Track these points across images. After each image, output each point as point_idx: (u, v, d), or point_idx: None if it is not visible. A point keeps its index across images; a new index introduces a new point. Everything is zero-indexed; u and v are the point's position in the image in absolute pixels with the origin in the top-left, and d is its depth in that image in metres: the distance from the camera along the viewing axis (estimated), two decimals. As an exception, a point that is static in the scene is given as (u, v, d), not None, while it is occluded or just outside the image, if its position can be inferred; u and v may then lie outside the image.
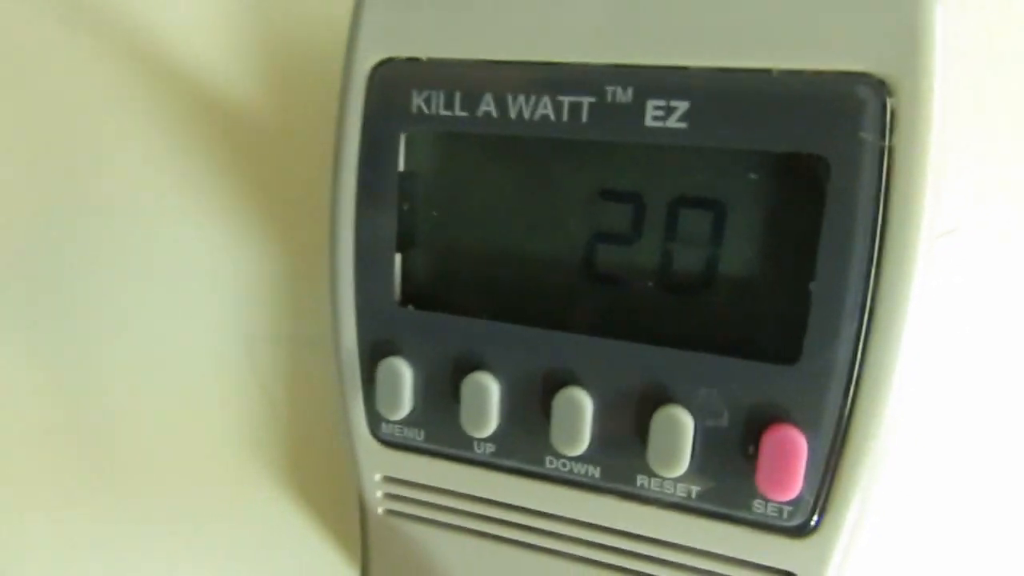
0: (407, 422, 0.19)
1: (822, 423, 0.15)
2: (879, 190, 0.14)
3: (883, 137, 0.14)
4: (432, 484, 0.19)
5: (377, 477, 0.20)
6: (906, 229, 0.14)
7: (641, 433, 0.16)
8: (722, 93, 0.15)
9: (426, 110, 0.17)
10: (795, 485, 0.15)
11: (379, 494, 0.20)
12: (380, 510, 0.20)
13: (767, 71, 0.14)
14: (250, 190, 0.26)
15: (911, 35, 0.14)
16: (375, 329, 0.18)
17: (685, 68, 0.15)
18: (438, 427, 0.18)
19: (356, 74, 0.17)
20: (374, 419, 0.19)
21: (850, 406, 0.15)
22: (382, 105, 0.17)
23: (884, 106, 0.14)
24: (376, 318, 0.18)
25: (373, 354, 0.19)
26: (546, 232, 0.17)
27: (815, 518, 0.16)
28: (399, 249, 0.18)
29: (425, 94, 0.17)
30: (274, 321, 0.27)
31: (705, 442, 0.16)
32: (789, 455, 0.15)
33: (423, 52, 0.17)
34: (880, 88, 0.14)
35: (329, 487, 0.26)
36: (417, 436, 0.19)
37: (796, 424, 0.15)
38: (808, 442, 0.15)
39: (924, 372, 0.21)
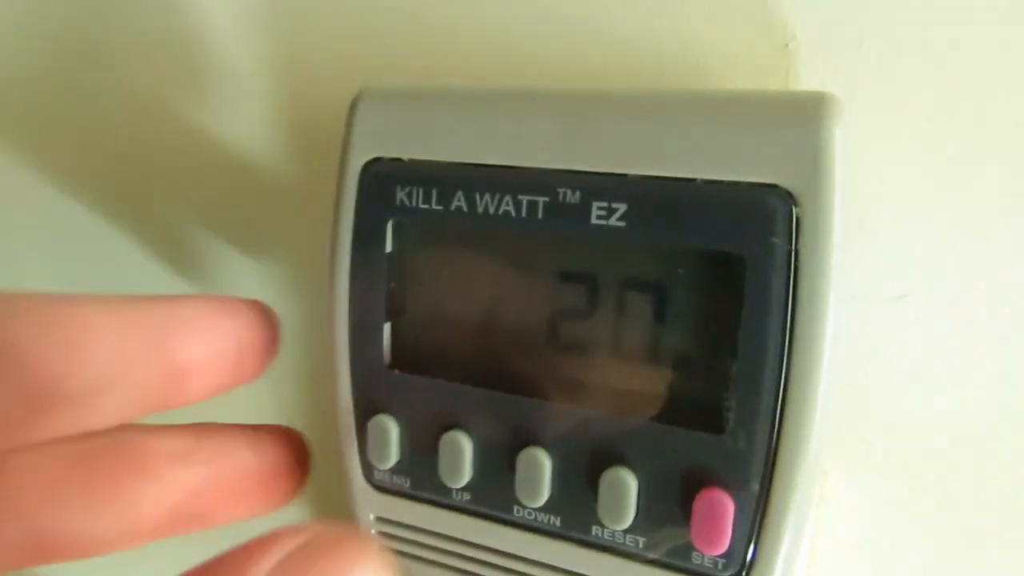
0: (395, 471, 0.21)
1: (747, 486, 0.17)
2: (788, 285, 0.16)
3: (790, 241, 0.16)
4: (417, 525, 0.22)
5: (371, 517, 0.22)
6: (812, 319, 0.16)
7: (593, 489, 0.19)
8: (655, 198, 0.17)
9: (408, 203, 0.19)
10: (724, 542, 0.17)
11: (373, 532, 0.23)
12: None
13: (692, 180, 0.17)
14: (280, 247, 0.29)
15: (814, 153, 0.16)
16: (367, 389, 0.21)
17: (624, 175, 0.17)
18: (421, 476, 0.21)
19: (350, 170, 0.20)
20: (367, 467, 0.22)
21: (771, 471, 0.17)
22: (372, 197, 0.20)
23: (791, 214, 0.16)
24: (368, 379, 0.21)
25: (365, 411, 0.21)
26: (513, 308, 0.20)
27: (746, 570, 0.18)
28: (387, 320, 0.21)
29: (407, 189, 0.19)
30: (297, 360, 0.30)
31: (648, 500, 0.18)
32: (717, 515, 0.17)
33: (406, 153, 0.19)
34: (787, 198, 0.16)
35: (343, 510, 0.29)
36: (404, 483, 0.21)
37: (724, 487, 0.17)
38: (735, 503, 0.17)
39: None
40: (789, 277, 0.16)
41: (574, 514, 0.19)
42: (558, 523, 0.19)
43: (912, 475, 0.23)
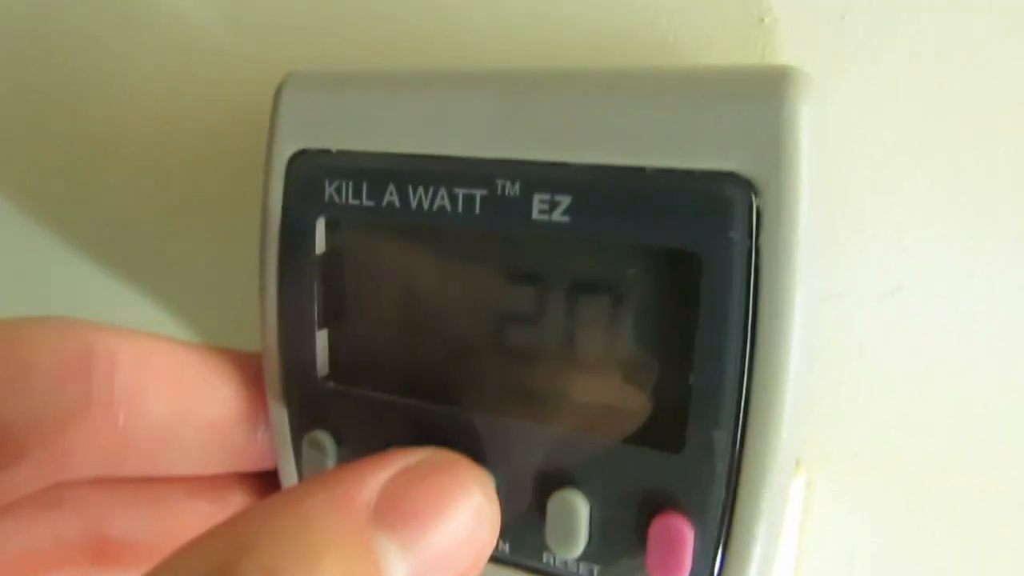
0: (334, 491, 0.19)
1: (707, 511, 0.15)
2: (749, 287, 0.14)
3: (750, 236, 0.14)
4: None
5: (314, 539, 0.21)
6: (776, 324, 0.14)
7: (541, 512, 0.17)
8: (601, 189, 0.15)
9: (337, 199, 0.18)
10: (682, 571, 0.15)
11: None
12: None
13: (641, 168, 0.15)
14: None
15: (775, 135, 0.14)
16: (301, 402, 0.19)
17: (566, 164, 0.15)
18: (361, 497, 0.19)
19: (275, 163, 0.18)
20: (304, 486, 0.20)
21: (734, 493, 0.15)
22: (299, 193, 0.18)
23: (750, 205, 0.14)
24: (301, 392, 0.19)
25: (300, 426, 0.19)
26: (456, 312, 0.18)
27: (709, 602, 0.16)
28: (321, 327, 0.19)
29: (336, 184, 0.18)
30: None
31: (600, 525, 0.16)
32: (676, 543, 0.15)
33: (333, 144, 0.18)
34: (747, 188, 0.14)
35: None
36: (344, 504, 0.20)
37: (683, 512, 0.15)
38: (694, 529, 0.15)
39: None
40: (749, 277, 0.14)
41: (522, 540, 0.17)
42: (507, 549, 0.18)
43: (904, 485, 0.22)
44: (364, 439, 0.19)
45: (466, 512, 0.15)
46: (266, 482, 0.21)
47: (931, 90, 0.19)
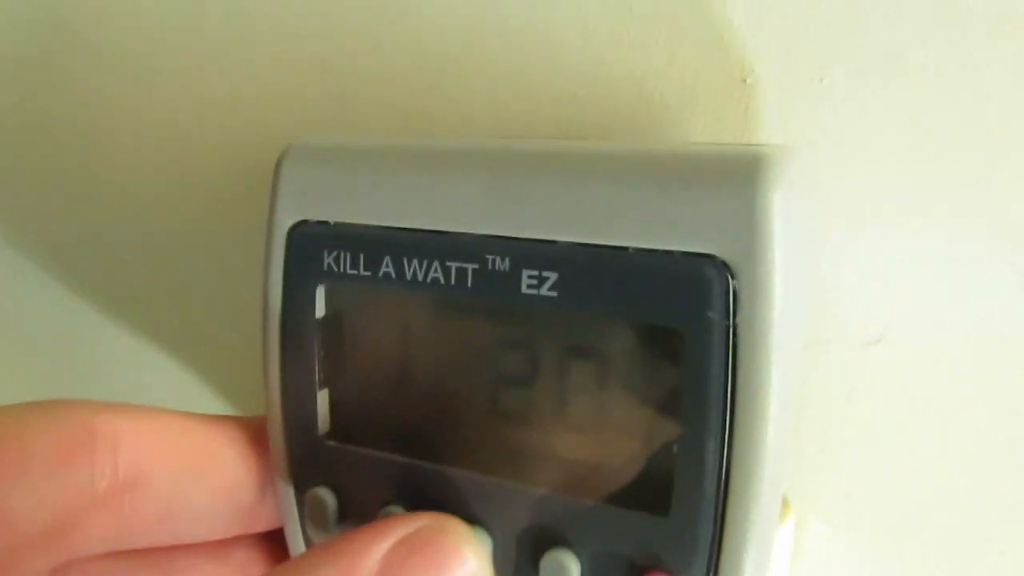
0: (336, 544, 0.20)
1: (694, 570, 0.16)
2: (727, 362, 0.15)
3: (727, 315, 0.15)
4: (364, 599, 0.21)
5: (317, 589, 0.21)
6: (754, 397, 0.15)
7: (534, 571, 0.17)
8: (586, 266, 0.16)
9: (336, 268, 0.18)
10: (670, 631, 0.16)
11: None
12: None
13: (624, 249, 0.15)
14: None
15: (750, 220, 0.14)
16: (302, 460, 0.20)
17: (554, 242, 0.16)
18: (362, 551, 0.20)
19: (276, 232, 0.19)
20: (308, 542, 0.21)
21: (717, 555, 0.16)
22: (299, 261, 0.19)
23: (727, 286, 0.15)
24: (303, 450, 0.20)
25: (303, 483, 0.20)
26: (453, 376, 0.19)
27: (697, 659, 0.16)
28: (321, 388, 0.20)
29: (334, 254, 0.18)
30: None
31: (591, 584, 0.17)
32: (663, 603, 0.16)
33: (331, 216, 0.18)
34: (724, 269, 0.15)
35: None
36: (346, 557, 0.20)
37: (670, 572, 0.16)
38: (681, 590, 0.16)
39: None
40: (728, 353, 0.15)
41: (517, 598, 0.18)
42: (502, 606, 0.18)
43: (892, 526, 0.22)
44: (363, 495, 0.19)
45: None
46: (269, 536, 0.22)
47: (908, 147, 0.20)
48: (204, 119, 0.27)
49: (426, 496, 0.19)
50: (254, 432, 0.21)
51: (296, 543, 0.21)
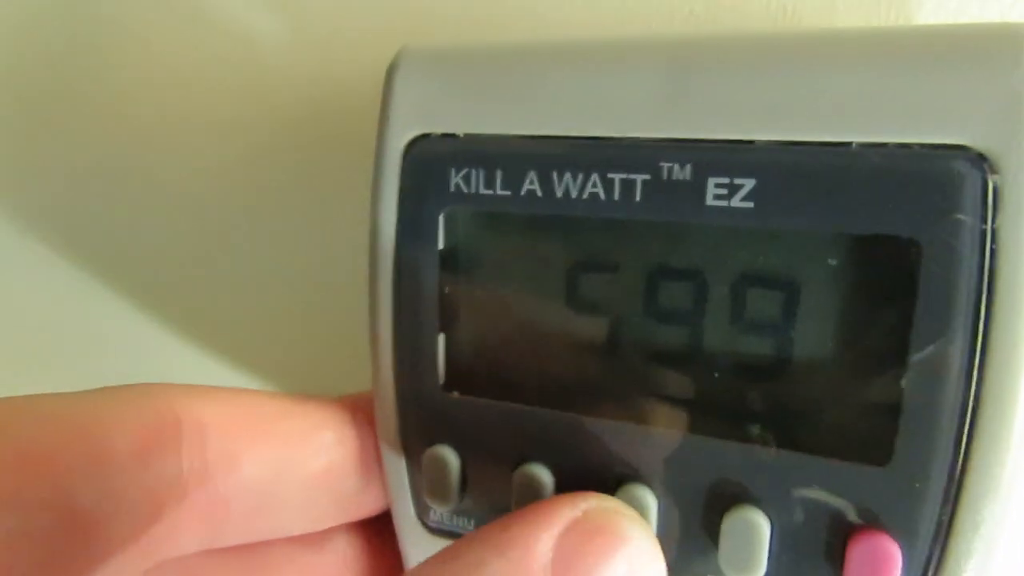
0: (456, 512, 0.18)
1: (918, 531, 0.14)
2: (981, 277, 0.12)
3: (985, 219, 0.12)
4: (485, 573, 0.18)
5: (427, 563, 0.19)
6: (1014, 319, 0.12)
7: (712, 535, 0.15)
8: (794, 170, 0.13)
9: (465, 189, 0.16)
10: (889, 599, 0.14)
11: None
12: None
13: (846, 145, 0.13)
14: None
15: (1015, 103, 0.12)
16: (419, 415, 0.17)
17: (751, 143, 0.13)
18: (490, 518, 0.17)
19: (390, 151, 0.16)
20: (421, 507, 0.18)
21: (951, 513, 0.13)
22: (418, 183, 0.16)
23: (985, 184, 0.12)
24: (419, 404, 0.17)
25: (418, 441, 0.17)
26: (599, 315, 0.16)
27: (912, 633, 0.14)
28: (442, 331, 0.17)
29: (463, 172, 0.16)
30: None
31: (784, 547, 0.15)
32: (881, 566, 0.14)
33: (460, 127, 0.16)
34: (980, 163, 0.12)
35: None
36: (468, 526, 0.18)
37: (888, 531, 0.14)
38: (903, 552, 0.14)
39: None
40: (983, 266, 0.12)
41: (687, 565, 0.16)
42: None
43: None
44: (492, 454, 0.17)
45: (637, 565, 0.14)
46: (369, 522, 0.19)
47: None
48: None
49: (570, 452, 0.16)
50: (354, 411, 0.19)
51: (406, 513, 0.18)
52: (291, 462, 0.17)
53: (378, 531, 0.20)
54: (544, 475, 0.16)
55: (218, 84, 0.24)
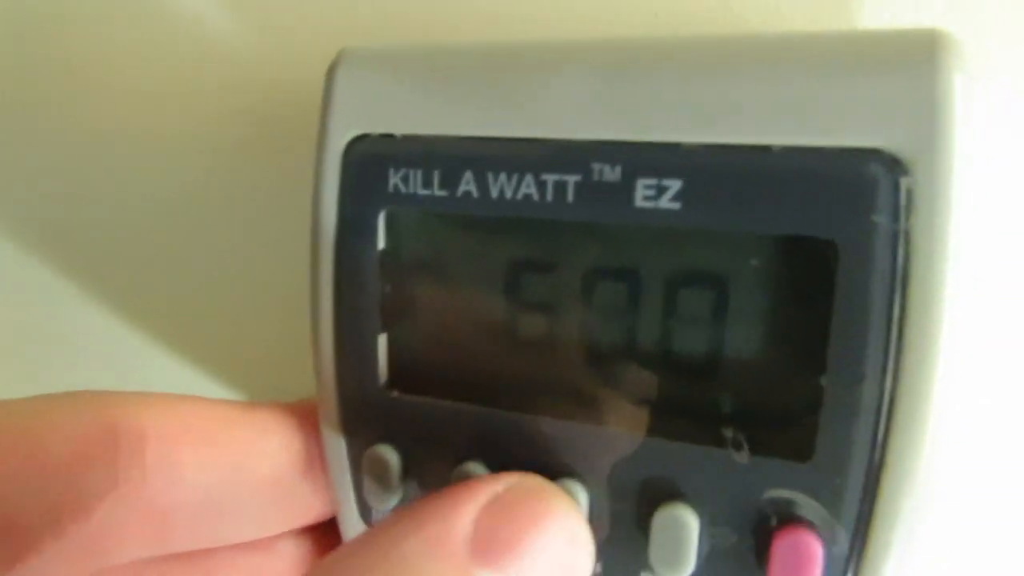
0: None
1: (839, 526, 0.14)
2: (894, 277, 0.13)
3: (898, 220, 0.13)
4: None
5: (371, 562, 0.19)
6: (927, 318, 0.13)
7: (643, 530, 0.15)
8: (718, 171, 0.13)
9: (403, 189, 0.16)
10: (812, 593, 0.14)
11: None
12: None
13: (766, 148, 0.13)
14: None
15: (928, 107, 0.12)
16: (360, 415, 0.17)
17: (677, 145, 0.14)
18: (430, 517, 0.17)
19: (330, 151, 0.16)
20: (363, 507, 0.18)
21: (870, 507, 0.14)
22: (358, 183, 0.16)
23: (898, 186, 0.12)
24: (361, 403, 0.17)
25: (359, 440, 0.18)
26: (538, 314, 0.16)
27: (835, 626, 0.14)
28: (383, 331, 0.17)
29: (402, 172, 0.16)
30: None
31: (712, 543, 0.15)
32: (803, 561, 0.14)
33: (398, 128, 0.16)
34: (894, 166, 0.12)
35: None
36: (409, 524, 0.18)
37: (810, 527, 0.14)
38: (824, 547, 0.14)
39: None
40: (896, 266, 0.13)
41: (619, 561, 0.16)
42: (599, 568, 0.16)
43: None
44: (432, 452, 0.17)
45: (561, 539, 0.14)
46: (317, 525, 0.19)
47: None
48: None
49: (508, 449, 0.16)
50: (301, 416, 0.18)
51: (350, 514, 0.18)
52: (236, 469, 0.17)
53: (327, 534, 0.20)
54: (481, 472, 0.16)
55: (181, 86, 0.24)
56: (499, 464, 0.16)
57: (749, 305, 0.14)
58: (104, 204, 0.26)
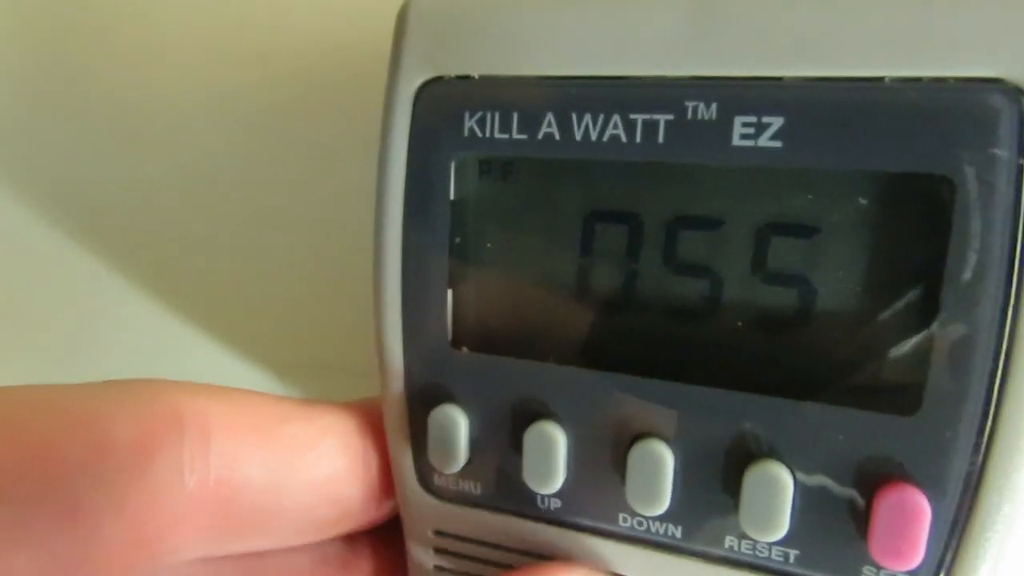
0: (462, 475, 0.17)
1: (947, 482, 0.13)
2: (1017, 214, 0.12)
3: (1020, 153, 0.12)
4: (490, 540, 0.17)
5: (429, 532, 0.18)
6: (1050, 259, 0.12)
7: (732, 492, 0.15)
8: (824, 106, 0.13)
9: (479, 133, 0.15)
10: (916, 553, 0.13)
11: (430, 549, 0.18)
12: (431, 566, 0.19)
13: (878, 80, 0.13)
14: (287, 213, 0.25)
15: (1053, 33, 0.12)
16: (425, 374, 0.17)
17: (779, 79, 0.13)
18: (497, 481, 0.17)
19: (401, 94, 0.16)
20: (425, 470, 0.17)
21: (981, 463, 0.13)
22: (430, 128, 0.16)
23: (1020, 117, 0.12)
24: (426, 362, 0.17)
25: (424, 401, 0.17)
26: (618, 266, 0.16)
27: (937, 590, 0.14)
28: (451, 286, 0.16)
29: (478, 115, 0.15)
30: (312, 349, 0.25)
31: (807, 501, 0.14)
32: (909, 518, 0.13)
33: (475, 69, 0.15)
34: (1017, 96, 0.12)
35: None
36: (474, 490, 0.17)
37: (916, 483, 0.13)
38: (931, 504, 0.13)
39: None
40: (1018, 202, 0.12)
41: (703, 523, 0.15)
42: (679, 534, 0.15)
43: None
44: (502, 412, 0.16)
45: None
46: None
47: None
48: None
49: (585, 409, 0.16)
50: (361, 417, 0.18)
51: (409, 481, 0.17)
52: (292, 469, 0.16)
53: (380, 540, 0.19)
54: (557, 434, 0.16)
55: (222, 48, 0.24)
56: (574, 424, 0.16)
57: (850, 250, 0.14)
58: (146, 171, 0.26)
